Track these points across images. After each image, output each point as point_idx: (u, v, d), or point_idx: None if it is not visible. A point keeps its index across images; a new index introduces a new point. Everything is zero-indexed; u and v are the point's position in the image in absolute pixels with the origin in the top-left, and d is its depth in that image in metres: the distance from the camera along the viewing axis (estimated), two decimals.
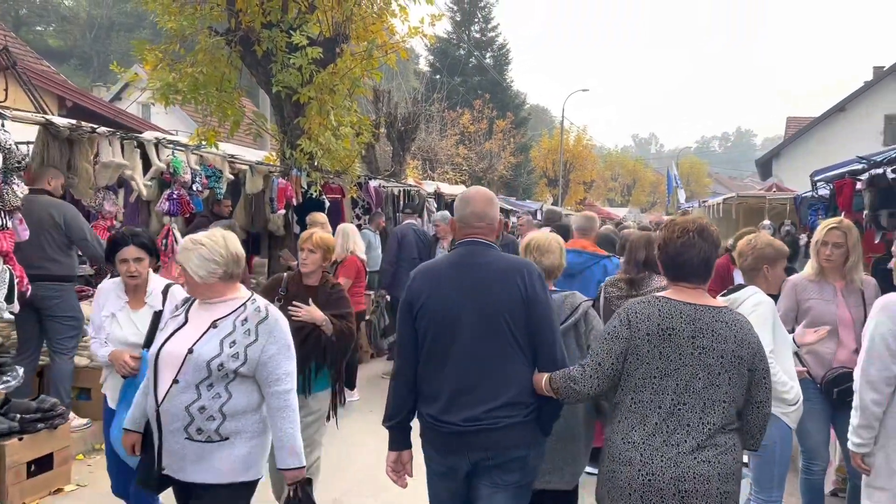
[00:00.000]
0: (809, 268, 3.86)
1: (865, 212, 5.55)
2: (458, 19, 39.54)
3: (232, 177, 7.81)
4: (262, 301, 2.88)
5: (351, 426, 6.17)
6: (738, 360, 2.42)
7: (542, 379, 2.65)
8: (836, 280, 3.80)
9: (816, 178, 6.96)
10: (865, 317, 3.54)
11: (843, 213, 5.94)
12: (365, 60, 9.20)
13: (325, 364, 3.99)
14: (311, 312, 3.87)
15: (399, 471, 2.89)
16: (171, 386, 2.70)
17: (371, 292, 8.86)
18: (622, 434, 2.48)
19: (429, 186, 14.63)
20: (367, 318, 8.12)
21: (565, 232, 6.19)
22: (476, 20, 40.10)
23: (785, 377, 3.18)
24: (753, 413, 2.50)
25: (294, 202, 8.57)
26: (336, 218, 9.39)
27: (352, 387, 6.93)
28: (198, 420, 2.69)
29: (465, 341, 2.68)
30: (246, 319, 2.78)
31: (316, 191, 8.54)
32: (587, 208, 37.76)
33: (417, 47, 39.68)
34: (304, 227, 8.18)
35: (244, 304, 2.83)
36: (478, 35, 40.12)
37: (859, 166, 5.74)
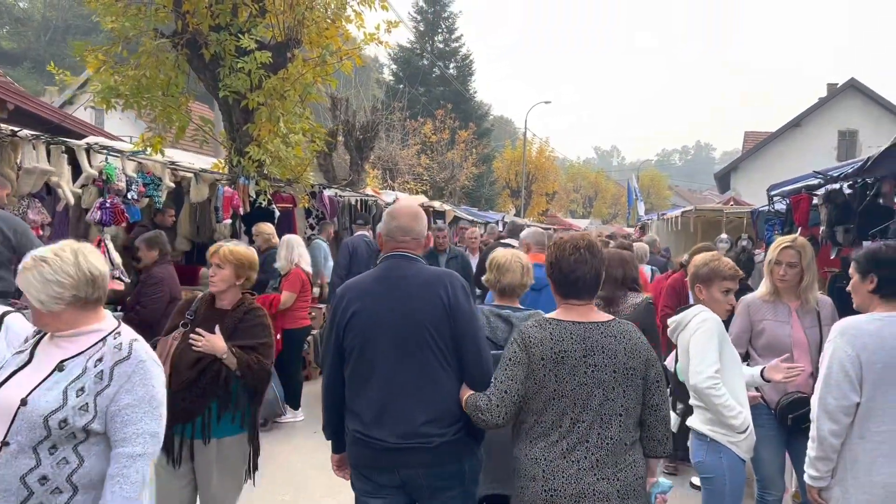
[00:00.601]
0: (763, 287, 3.69)
1: (822, 227, 5.46)
2: (422, 29, 39.42)
3: (173, 185, 7.45)
4: (127, 335, 2.29)
5: (294, 453, 5.85)
6: (631, 372, 2.47)
7: (464, 395, 2.63)
8: (790, 300, 3.64)
9: (773, 193, 6.87)
10: (821, 339, 3.38)
11: (799, 229, 5.85)
12: (318, 66, 8.95)
13: (230, 405, 3.28)
14: (213, 342, 3.25)
15: (344, 468, 2.92)
16: (0, 449, 2.08)
17: (323, 306, 8.56)
18: (526, 451, 2.50)
19: (388, 196, 14.37)
20: (315, 332, 7.80)
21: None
22: (440, 30, 40.04)
23: (731, 401, 2.99)
24: (652, 418, 2.54)
25: (241, 211, 8.23)
26: (286, 228, 9.06)
27: (296, 406, 6.68)
28: (38, 495, 2.08)
29: (390, 355, 2.66)
30: (101, 359, 2.19)
31: (264, 200, 8.21)
32: (549, 220, 38.12)
33: (381, 57, 39.61)
34: (251, 237, 7.86)
35: (104, 338, 2.24)
36: (441, 45, 40.05)
37: (815, 181, 5.65)
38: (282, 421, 6.30)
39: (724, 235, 10.20)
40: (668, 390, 5.45)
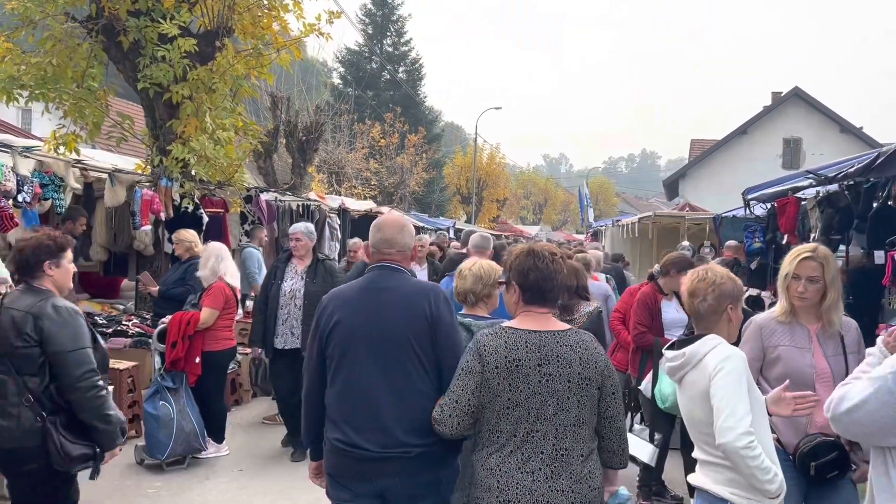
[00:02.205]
0: (778, 306, 3.07)
1: (813, 234, 4.95)
2: (370, 32, 38.65)
3: (79, 186, 6.57)
4: None
5: (212, 493, 5.06)
6: (586, 382, 2.44)
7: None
8: (809, 321, 3.02)
9: (750, 197, 6.32)
10: (847, 369, 2.82)
11: (785, 236, 5.35)
12: (253, 58, 8.18)
13: None
14: None
15: (321, 475, 2.90)
16: None
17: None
18: (481, 461, 2.48)
19: (332, 201, 13.58)
20: (248, 352, 6.99)
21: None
22: (389, 34, 39.32)
23: (768, 461, 2.37)
24: (608, 429, 2.52)
25: (163, 217, 7.38)
26: (216, 235, 8.25)
27: (219, 439, 5.88)
28: None
29: (370, 366, 2.67)
30: None
31: (189, 203, 7.37)
32: (500, 226, 37.80)
33: (330, 61, 38.65)
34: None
35: None
36: (390, 49, 39.34)
37: (805, 182, 5.11)
38: (202, 457, 5.49)
39: (685, 243, 9.78)
40: (640, 416, 4.95)
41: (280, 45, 8.47)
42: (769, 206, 6.12)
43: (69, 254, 3.37)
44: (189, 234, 6.33)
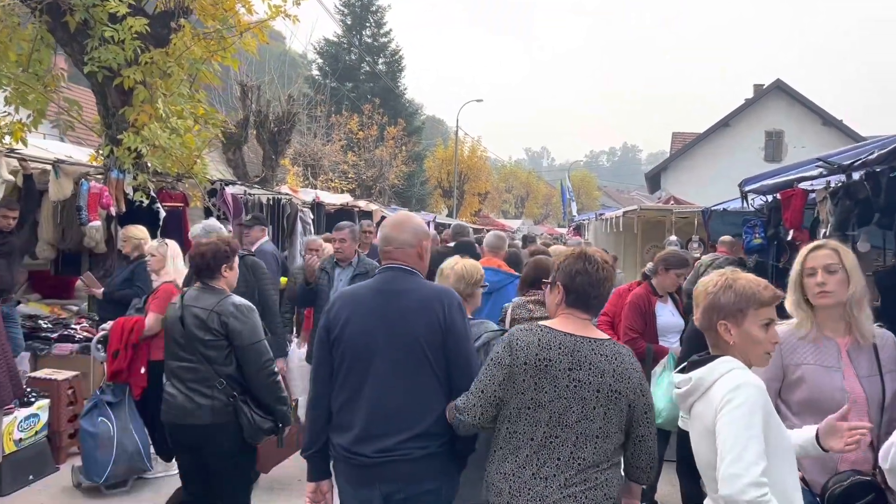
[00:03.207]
0: (795, 319, 2.58)
1: (824, 230, 4.48)
2: (349, 23, 37.93)
3: (11, 178, 5.99)
4: None
5: None
6: (616, 395, 2.34)
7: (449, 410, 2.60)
8: (837, 333, 2.54)
9: (748, 189, 5.83)
10: (884, 392, 2.37)
11: (791, 231, 4.90)
12: (214, 42, 7.61)
13: None
14: None
15: (319, 501, 2.80)
16: None
17: None
18: (496, 464, 2.44)
19: (306, 195, 13.01)
20: None
21: (469, 248, 6.22)
22: (368, 24, 38.63)
23: None
24: (636, 448, 2.43)
25: (114, 211, 6.81)
26: (176, 231, 7.68)
27: (168, 457, 5.35)
28: None
29: (381, 370, 2.62)
30: None
31: (142, 197, 6.81)
32: (481, 220, 37.37)
33: (310, 53, 37.89)
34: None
35: None
36: (370, 40, 38.65)
37: (814, 172, 4.63)
38: (149, 477, 4.97)
39: (672, 237, 9.35)
40: None
41: (244, 28, 7.92)
42: (770, 198, 5.65)
43: (237, 257, 3.93)
44: (137, 231, 5.78)
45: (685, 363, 2.23)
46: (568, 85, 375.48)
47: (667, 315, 4.45)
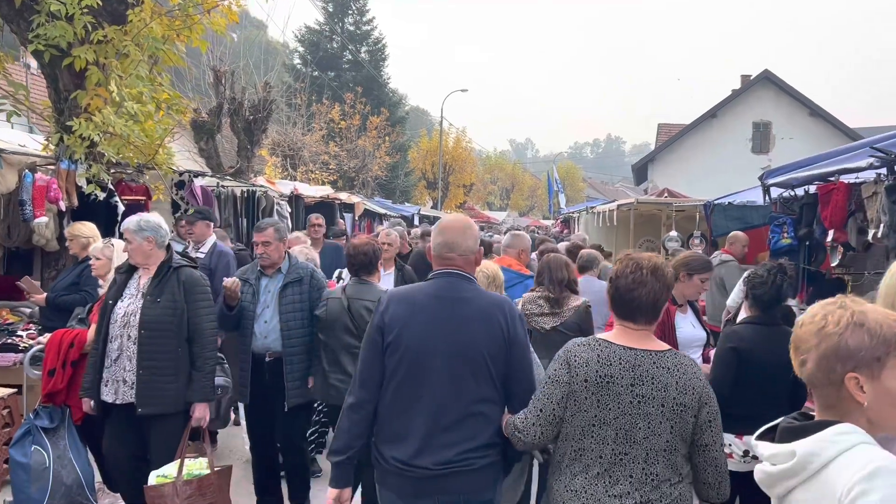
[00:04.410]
0: None
1: (874, 230, 3.89)
2: (331, 10, 37.07)
3: None
4: None
5: None
6: (681, 408, 2.28)
7: (506, 420, 2.56)
8: None
9: (770, 182, 5.24)
10: None
11: (831, 232, 4.36)
12: (178, 20, 6.95)
13: None
14: None
15: None
16: None
17: None
18: (564, 482, 2.37)
19: (284, 187, 12.36)
20: None
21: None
22: (350, 12, 37.80)
23: None
24: (701, 458, 2.33)
25: (64, 206, 6.15)
26: None
27: (116, 488, 4.73)
28: None
29: (441, 380, 2.53)
30: None
31: (94, 190, 6.15)
32: (466, 212, 36.84)
33: (291, 42, 37.00)
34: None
35: None
36: (352, 28, 37.83)
37: (862, 162, 4.05)
38: None
39: (673, 233, 8.83)
40: None
41: (211, 6, 7.26)
42: (801, 192, 5.05)
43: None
44: (85, 228, 5.14)
45: (770, 427, 1.66)
46: (553, 75, 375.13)
47: (687, 327, 3.90)
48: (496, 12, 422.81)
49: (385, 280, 6.20)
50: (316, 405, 5.13)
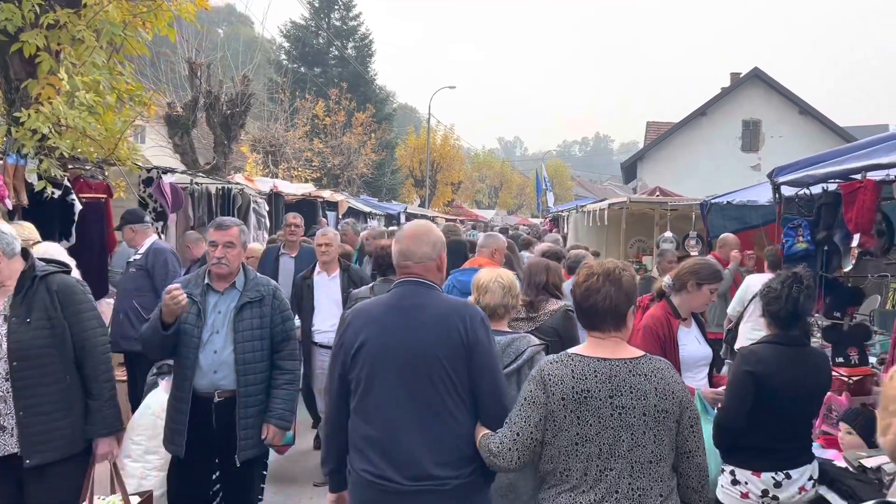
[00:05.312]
0: None
1: None
2: (317, 5, 36.50)
3: None
4: None
5: None
6: (663, 415, 2.25)
7: (479, 435, 2.48)
8: None
9: (781, 181, 4.79)
10: None
11: (856, 236, 3.96)
12: (141, 5, 6.49)
13: None
14: None
15: None
16: None
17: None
18: (550, 500, 2.32)
19: (263, 184, 11.87)
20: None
21: (460, 248, 6.07)
22: (336, 7, 37.24)
23: None
24: (686, 464, 2.31)
25: (10, 204, 5.66)
26: (96, 227, 6.57)
27: None
28: None
29: (401, 390, 2.51)
30: None
31: (45, 187, 5.68)
32: (455, 210, 36.45)
33: (278, 37, 36.43)
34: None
35: None
36: (338, 23, 37.28)
37: (888, 159, 3.61)
38: None
39: (668, 234, 8.45)
40: None
41: None
42: (820, 190, 4.61)
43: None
44: (23, 229, 4.66)
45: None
46: (548, 73, 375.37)
47: (692, 343, 3.46)
48: (492, 10, 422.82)
49: (331, 284, 5.70)
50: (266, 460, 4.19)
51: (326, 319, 5.55)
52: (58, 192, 6.04)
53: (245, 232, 3.82)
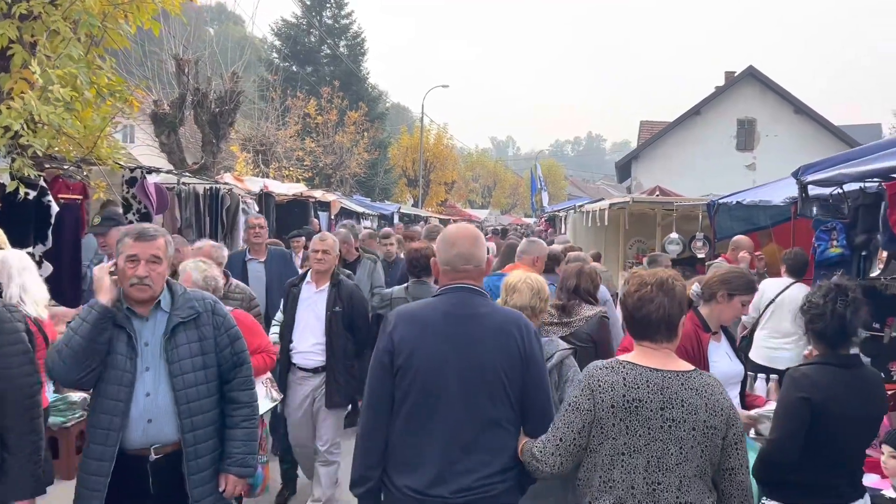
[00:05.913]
0: None
1: None
2: (308, 3, 36.11)
3: None
4: None
5: None
6: (712, 431, 2.22)
7: (522, 443, 2.49)
8: None
9: (810, 180, 4.42)
10: None
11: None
12: (130, 1, 6.16)
13: None
14: None
15: None
16: None
17: None
18: None
19: (253, 184, 11.51)
20: (76, 399, 5.01)
21: None
22: (328, 5, 36.85)
23: None
24: (727, 482, 2.27)
25: None
26: (72, 229, 6.23)
27: None
28: None
29: (456, 403, 2.42)
30: None
31: (15, 187, 5.33)
32: (448, 210, 36.15)
33: (269, 36, 36.03)
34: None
35: None
36: (330, 21, 36.89)
37: None
38: None
39: (674, 235, 8.18)
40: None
41: None
42: (856, 190, 4.29)
43: None
44: None
45: None
46: (541, 73, 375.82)
47: (723, 360, 3.13)
48: (484, 9, 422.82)
49: (317, 298, 4.78)
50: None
51: (307, 338, 4.75)
52: (33, 193, 5.70)
53: (170, 243, 2.93)
